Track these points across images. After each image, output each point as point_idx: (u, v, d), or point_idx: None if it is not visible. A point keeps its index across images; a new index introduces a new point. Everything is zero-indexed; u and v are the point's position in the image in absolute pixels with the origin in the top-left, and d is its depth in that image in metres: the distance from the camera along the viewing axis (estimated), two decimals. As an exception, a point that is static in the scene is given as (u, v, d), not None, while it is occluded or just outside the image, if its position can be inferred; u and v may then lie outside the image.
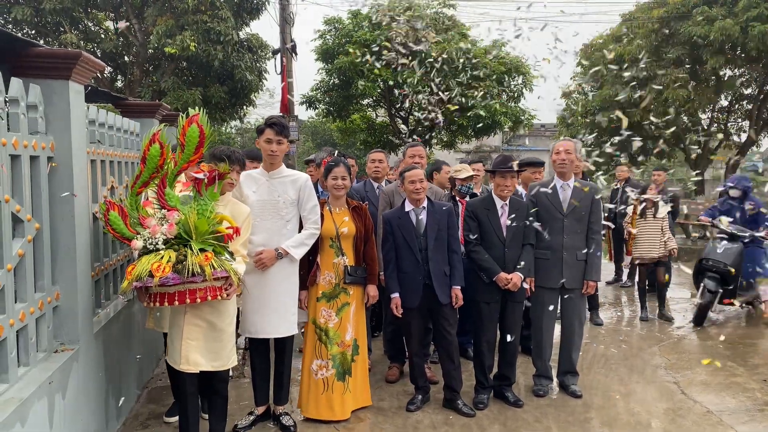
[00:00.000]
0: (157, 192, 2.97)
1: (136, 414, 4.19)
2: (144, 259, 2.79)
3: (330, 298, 3.99)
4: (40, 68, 2.93)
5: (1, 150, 2.45)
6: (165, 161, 2.94)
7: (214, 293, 2.93)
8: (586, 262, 4.45)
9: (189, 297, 2.86)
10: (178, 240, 2.87)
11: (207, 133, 3.00)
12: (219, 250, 2.94)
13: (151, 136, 2.93)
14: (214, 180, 3.05)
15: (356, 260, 4.04)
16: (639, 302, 7.08)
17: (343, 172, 3.97)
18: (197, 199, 3.01)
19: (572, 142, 4.58)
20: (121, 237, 2.92)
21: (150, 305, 2.95)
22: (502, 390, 4.40)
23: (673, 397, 4.54)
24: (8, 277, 2.51)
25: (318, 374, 3.99)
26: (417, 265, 4.06)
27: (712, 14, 13.09)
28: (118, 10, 12.54)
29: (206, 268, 2.77)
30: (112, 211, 2.91)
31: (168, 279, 2.72)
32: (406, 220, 4.13)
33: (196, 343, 3.16)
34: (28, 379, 2.63)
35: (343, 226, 3.98)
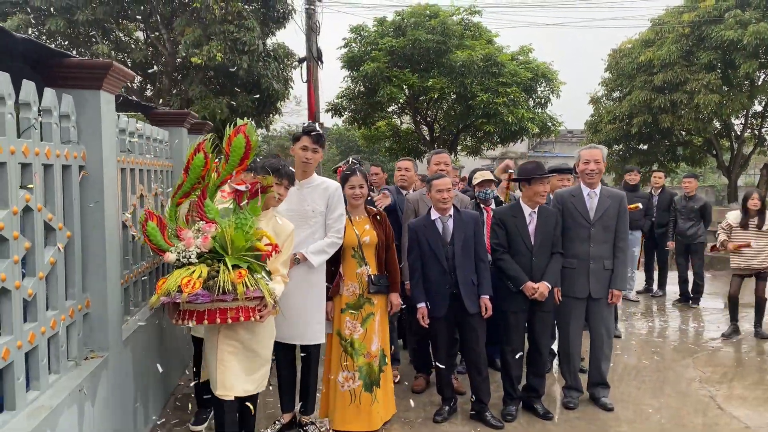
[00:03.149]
0: (197, 203, 2.87)
1: (163, 422, 4.21)
2: (175, 273, 2.67)
3: (355, 308, 3.94)
4: (73, 78, 2.96)
5: (34, 159, 2.48)
6: (208, 171, 2.86)
7: (246, 314, 2.75)
8: (612, 271, 4.37)
9: (219, 316, 2.70)
10: (213, 255, 2.74)
11: (253, 144, 2.89)
12: (255, 267, 2.76)
13: (196, 145, 2.84)
14: (257, 193, 2.92)
15: (379, 269, 3.98)
16: (730, 316, 6.58)
17: (360, 181, 3.91)
18: (237, 212, 2.87)
19: (599, 149, 4.49)
20: (158, 249, 2.81)
21: (178, 323, 2.78)
22: (531, 402, 4.32)
23: (708, 412, 4.40)
24: (40, 285, 2.54)
25: (345, 386, 3.92)
26: (444, 275, 3.99)
27: (745, 18, 12.84)
28: (149, 20, 12.76)
29: (238, 287, 2.61)
30: (151, 221, 2.80)
31: (197, 296, 2.59)
32: (431, 229, 4.05)
33: (231, 366, 3.03)
34: (58, 387, 2.65)
35: (364, 235, 3.93)
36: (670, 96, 13.80)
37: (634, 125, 14.48)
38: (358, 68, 13.18)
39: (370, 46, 13.09)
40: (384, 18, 13.49)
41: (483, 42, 13.22)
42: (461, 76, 12.32)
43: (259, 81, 12.14)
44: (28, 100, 2.47)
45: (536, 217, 4.18)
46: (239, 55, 10.97)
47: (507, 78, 12.47)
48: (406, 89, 13.31)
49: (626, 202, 4.46)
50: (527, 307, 4.15)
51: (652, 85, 14.00)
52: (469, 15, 13.58)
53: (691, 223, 8.04)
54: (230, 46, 10.87)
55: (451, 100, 13.32)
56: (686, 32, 13.80)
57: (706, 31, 13.42)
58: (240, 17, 11.04)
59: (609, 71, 15.99)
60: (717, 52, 13.21)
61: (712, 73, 13.35)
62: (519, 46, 13.61)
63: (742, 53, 12.71)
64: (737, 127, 16.03)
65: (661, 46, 14.09)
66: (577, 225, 4.32)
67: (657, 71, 13.95)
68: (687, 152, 16.23)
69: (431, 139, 15.20)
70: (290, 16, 12.70)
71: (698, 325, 7.10)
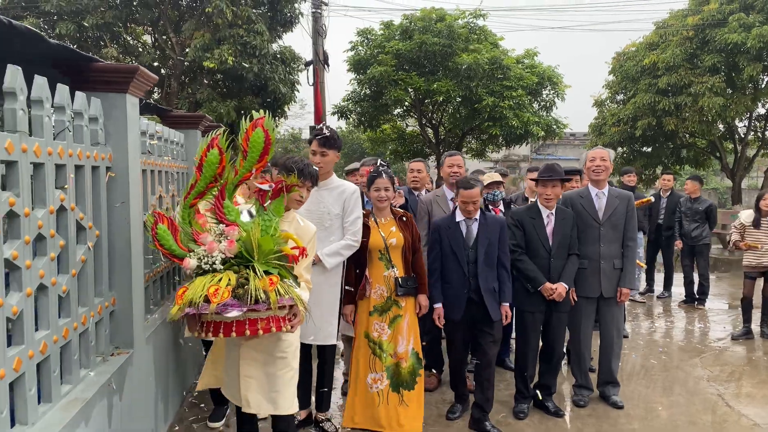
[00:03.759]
0: (215, 204, 2.61)
1: (181, 418, 4.29)
2: (198, 282, 2.39)
3: (382, 311, 3.93)
4: (100, 82, 3.05)
5: (68, 160, 2.56)
6: (224, 169, 2.59)
7: (277, 324, 2.52)
8: (621, 270, 4.44)
9: (249, 328, 2.44)
10: (239, 260, 2.50)
11: (273, 138, 2.63)
12: (284, 273, 2.54)
13: (209, 140, 2.58)
14: (280, 192, 2.70)
15: (406, 271, 3.95)
16: (742, 317, 6.61)
17: (386, 183, 3.89)
18: (260, 213, 2.64)
19: (606, 150, 4.56)
20: (170, 254, 2.55)
21: (202, 336, 2.52)
22: (543, 400, 4.38)
23: (717, 410, 4.46)
24: (73, 282, 2.62)
25: (373, 387, 3.92)
26: (463, 278, 3.95)
27: (749, 21, 12.89)
28: (157, 24, 12.88)
29: (271, 295, 2.38)
30: (161, 224, 2.55)
31: (226, 306, 2.33)
32: (455, 230, 4.00)
33: (256, 381, 2.81)
34: (88, 381, 2.73)
35: (391, 237, 3.90)
36: (674, 99, 13.84)
37: (638, 128, 14.52)
38: (364, 71, 13.28)
39: (377, 50, 13.19)
40: (391, 21, 13.60)
41: (488, 45, 13.30)
42: (467, 79, 12.41)
43: (266, 84, 12.25)
44: (62, 103, 2.56)
45: (554, 218, 4.21)
46: (249, 58, 11.08)
47: (513, 82, 12.56)
48: (412, 92, 13.41)
49: (634, 202, 4.54)
50: (544, 308, 4.20)
51: (657, 88, 14.03)
52: (474, 18, 13.68)
53: (696, 224, 8.12)
54: (240, 50, 10.97)
55: (457, 103, 13.41)
56: (690, 35, 13.85)
57: (710, 34, 13.47)
58: (249, 21, 11.14)
59: (613, 74, 16.04)
60: (721, 56, 13.25)
61: (716, 76, 13.38)
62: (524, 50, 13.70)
63: (746, 56, 12.75)
64: (741, 129, 16.08)
65: (666, 50, 14.13)
66: (586, 226, 4.39)
67: (661, 74, 13.99)
68: (691, 154, 16.28)
69: (437, 141, 15.29)
70: (297, 20, 12.80)
71: (704, 325, 7.16)
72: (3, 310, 2.01)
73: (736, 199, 16.02)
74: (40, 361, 2.31)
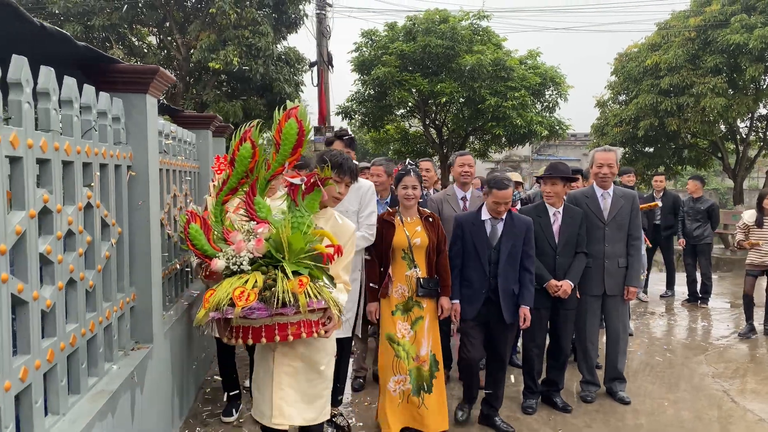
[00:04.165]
0: (245, 200, 2.45)
1: (195, 413, 4.36)
2: (225, 283, 2.27)
3: (405, 310, 3.86)
4: (121, 83, 3.12)
5: (93, 159, 2.64)
6: (257, 164, 2.44)
7: (309, 329, 2.37)
8: (626, 268, 4.50)
9: (278, 333, 2.30)
10: (268, 260, 2.35)
11: (307, 129, 2.44)
12: (316, 273, 2.36)
13: (241, 133, 2.43)
14: (314, 187, 2.52)
15: (429, 272, 3.86)
16: (744, 315, 6.66)
17: (413, 181, 3.82)
18: (292, 209, 2.46)
19: (613, 152, 4.59)
20: (203, 255, 2.41)
21: (231, 341, 2.38)
22: (551, 395, 4.45)
23: (723, 405, 4.53)
24: (99, 278, 2.69)
25: (396, 390, 3.85)
26: (483, 278, 3.88)
27: (751, 22, 12.95)
28: (162, 25, 12.96)
29: (300, 297, 2.22)
30: (194, 223, 2.41)
31: (252, 310, 2.20)
32: (479, 228, 3.92)
33: (291, 390, 2.62)
34: (113, 374, 2.80)
35: (415, 237, 3.82)
36: (676, 99, 13.91)
37: (641, 128, 14.58)
38: (368, 72, 13.36)
39: (381, 51, 13.27)
40: (395, 23, 13.69)
41: (491, 47, 13.38)
42: (471, 80, 12.50)
43: (271, 85, 12.33)
44: (89, 103, 2.63)
45: (561, 216, 4.27)
46: (254, 59, 11.16)
47: (516, 82, 12.65)
48: (416, 93, 13.49)
49: (638, 202, 4.60)
50: (550, 305, 4.26)
51: (659, 88, 14.09)
52: (478, 19, 13.75)
53: (697, 224, 8.18)
54: (245, 51, 11.05)
55: (460, 103, 13.49)
56: (692, 36, 13.92)
57: (712, 35, 13.53)
58: (254, 23, 11.23)
59: (615, 75, 16.11)
60: (723, 56, 13.31)
61: (719, 77, 13.46)
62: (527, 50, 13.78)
63: (748, 57, 12.83)
64: (743, 130, 16.15)
65: (668, 50, 14.19)
66: (591, 225, 4.44)
67: (663, 75, 14.05)
68: (692, 155, 16.36)
69: (440, 142, 15.37)
70: (302, 21, 12.89)
71: (707, 323, 7.23)
72: (39, 302, 2.08)
73: (738, 199, 16.08)
74: (70, 353, 2.38)
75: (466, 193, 4.72)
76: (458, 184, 4.78)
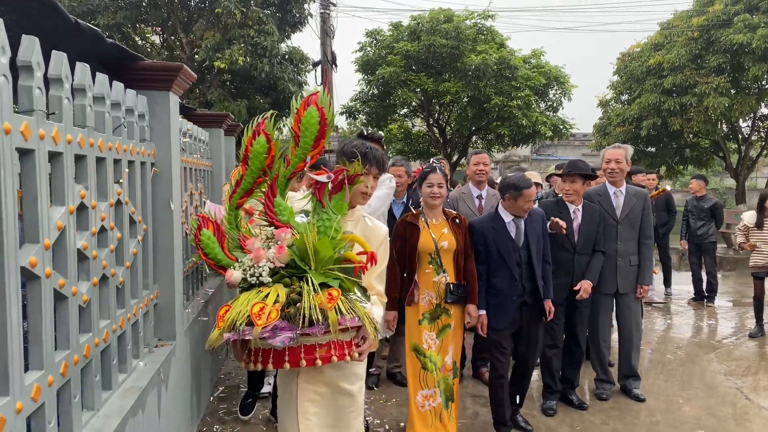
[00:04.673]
0: (264, 202, 2.14)
1: (212, 411, 4.36)
2: (242, 298, 1.94)
3: (432, 319, 3.64)
4: (146, 80, 3.12)
5: (123, 155, 2.64)
6: (273, 159, 2.14)
7: (340, 352, 2.00)
8: (638, 266, 4.52)
9: (305, 357, 1.94)
10: (292, 271, 2.01)
11: (329, 118, 2.13)
12: (348, 285, 2.02)
13: (254, 126, 2.14)
14: (342, 185, 2.16)
15: (457, 277, 3.62)
16: (755, 317, 6.62)
17: (440, 179, 3.57)
18: (318, 211, 2.13)
19: (623, 149, 4.60)
20: (216, 265, 2.10)
21: (250, 366, 2.03)
22: (567, 393, 4.46)
23: (737, 403, 4.55)
24: (127, 274, 2.70)
25: (425, 405, 3.61)
26: (513, 283, 3.69)
27: (754, 22, 13.00)
28: (166, 24, 12.95)
29: (330, 314, 1.87)
30: (206, 229, 2.09)
31: (274, 330, 1.86)
32: (502, 232, 3.72)
33: (317, 419, 2.28)
34: (140, 371, 2.81)
35: (442, 240, 3.58)
36: (679, 99, 13.96)
37: (644, 128, 14.62)
38: (373, 72, 13.37)
39: (386, 50, 13.29)
40: (399, 23, 13.70)
41: (495, 46, 13.41)
42: (475, 79, 12.53)
43: (276, 84, 12.32)
44: (118, 100, 2.63)
45: (581, 214, 4.25)
46: (259, 58, 11.16)
47: (520, 82, 12.68)
48: (420, 92, 13.51)
49: (650, 201, 4.61)
50: (564, 301, 4.25)
51: (662, 88, 14.14)
52: (483, 19, 13.78)
53: (701, 222, 8.21)
54: (250, 50, 11.05)
55: (464, 103, 13.51)
56: (695, 36, 13.96)
57: (715, 34, 13.57)
58: (259, 22, 11.22)
59: (618, 75, 16.15)
60: (726, 56, 13.35)
61: (722, 77, 13.50)
62: (531, 50, 13.80)
63: (751, 57, 12.87)
64: (744, 129, 16.20)
65: (671, 50, 14.22)
66: (604, 223, 4.42)
67: (666, 74, 14.10)
68: (694, 154, 16.41)
69: (443, 141, 15.39)
70: (306, 20, 12.88)
71: (715, 322, 7.26)
72: (77, 298, 2.09)
73: (741, 198, 16.14)
74: (104, 348, 2.38)
75: (481, 191, 4.74)
76: (473, 183, 4.80)
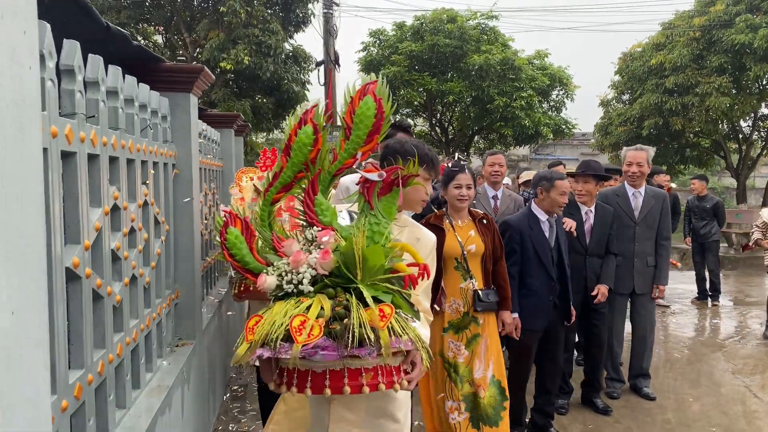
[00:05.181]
0: (304, 200, 1.86)
1: (226, 410, 4.39)
2: (277, 309, 1.65)
3: (458, 329, 3.38)
4: (167, 82, 3.15)
5: (149, 157, 2.67)
6: (319, 153, 1.86)
7: (389, 379, 1.69)
8: (655, 267, 4.54)
9: (349, 383, 1.64)
10: (336, 280, 1.71)
11: (387, 111, 1.84)
12: (398, 301, 1.71)
13: (299, 114, 1.86)
14: (392, 186, 1.85)
15: (486, 282, 3.40)
16: (767, 316, 6.53)
17: (468, 180, 3.33)
18: (366, 213, 1.84)
19: (644, 151, 4.60)
20: (243, 268, 1.83)
21: (282, 389, 1.70)
22: (591, 397, 4.40)
23: (746, 401, 4.59)
24: (153, 275, 2.73)
25: (451, 418, 3.36)
26: (549, 284, 3.62)
27: (755, 22, 13.07)
28: (169, 23, 12.97)
29: (382, 334, 1.58)
30: (233, 227, 1.82)
31: (317, 349, 1.57)
32: (538, 231, 3.64)
33: None
34: (165, 370, 2.84)
35: (469, 243, 3.34)
36: (681, 99, 14.03)
37: (645, 128, 14.69)
38: (376, 71, 13.39)
39: (389, 50, 13.34)
40: (403, 23, 13.74)
41: (499, 46, 13.46)
42: (479, 79, 12.58)
43: (279, 84, 12.35)
44: (144, 101, 2.66)
45: (593, 216, 4.24)
46: (264, 58, 11.19)
47: (524, 82, 12.74)
48: (423, 92, 13.56)
49: (669, 202, 4.64)
50: (579, 306, 4.17)
51: (663, 88, 14.21)
52: (487, 19, 13.83)
53: (704, 222, 8.24)
54: (255, 50, 11.07)
55: (467, 103, 13.57)
56: (697, 36, 14.04)
57: (716, 35, 13.65)
58: (264, 21, 11.25)
59: (619, 74, 16.21)
60: (727, 56, 13.42)
61: (723, 77, 13.58)
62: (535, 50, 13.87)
63: (752, 57, 12.95)
64: (745, 129, 16.29)
65: (672, 50, 14.29)
66: (622, 224, 4.44)
67: (668, 74, 14.17)
68: (694, 154, 16.50)
69: (446, 141, 15.43)
70: (309, 20, 12.91)
71: (719, 321, 7.32)
72: (111, 298, 2.12)
73: (741, 198, 16.21)
74: (132, 348, 2.41)
75: (497, 191, 4.77)
76: (489, 183, 4.82)
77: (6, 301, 0.94)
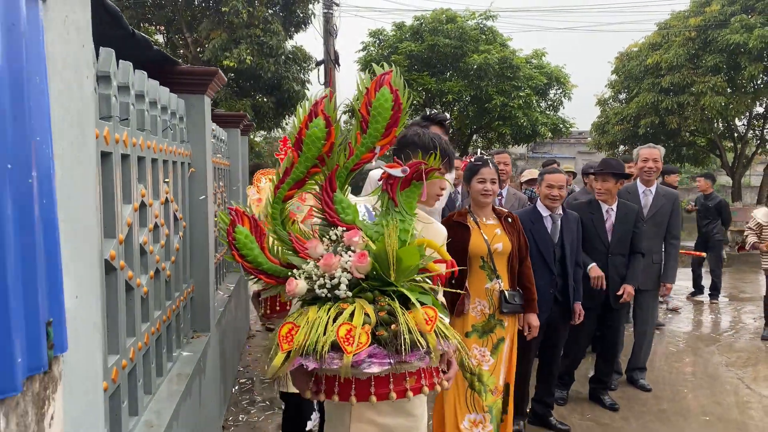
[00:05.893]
0: (322, 198, 1.78)
1: (235, 401, 4.53)
2: (313, 315, 1.58)
3: (483, 332, 3.20)
4: (184, 84, 3.28)
5: (168, 156, 2.80)
6: (333, 147, 1.76)
7: (430, 381, 1.66)
8: (661, 265, 4.65)
9: (394, 388, 1.59)
10: (372, 283, 1.65)
11: (404, 103, 1.77)
12: (435, 302, 1.69)
13: (309, 107, 1.75)
14: (412, 181, 1.78)
15: (511, 283, 3.26)
16: (765, 318, 6.43)
17: (493, 175, 3.18)
18: (390, 211, 1.76)
19: (657, 149, 4.69)
20: (255, 269, 1.73)
21: (320, 397, 1.66)
22: (599, 393, 4.47)
23: (739, 392, 4.75)
24: (173, 269, 2.86)
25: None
26: (550, 279, 3.64)
27: (750, 22, 13.23)
28: (171, 23, 13.07)
29: (430, 338, 1.54)
30: (241, 225, 1.73)
31: (370, 359, 1.50)
32: (540, 226, 3.67)
33: None
34: (183, 360, 2.97)
35: (495, 242, 3.18)
36: (676, 98, 14.20)
37: (641, 126, 14.86)
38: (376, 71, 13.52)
39: (389, 50, 13.47)
40: (402, 23, 13.87)
41: (497, 46, 13.60)
42: (477, 78, 12.73)
43: (280, 83, 12.48)
44: (165, 103, 2.79)
45: (614, 214, 4.21)
46: (265, 58, 11.31)
47: (522, 82, 12.88)
48: (423, 92, 13.70)
49: (680, 201, 4.75)
50: (600, 307, 4.20)
51: (659, 87, 14.38)
52: (485, 19, 13.97)
53: (707, 220, 8.33)
54: (257, 50, 11.20)
55: (466, 102, 13.71)
56: (692, 36, 14.20)
57: (712, 35, 13.82)
58: (265, 21, 11.37)
59: (616, 74, 16.38)
60: (723, 56, 13.59)
61: (718, 76, 13.75)
62: (532, 50, 14.02)
63: (747, 57, 13.12)
64: (740, 128, 16.47)
65: (668, 50, 14.45)
66: None
67: (664, 74, 14.34)
68: (690, 153, 16.67)
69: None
70: (309, 20, 13.03)
71: (714, 316, 7.49)
72: (140, 289, 2.25)
73: (736, 196, 16.39)
74: (156, 338, 2.55)
75: (501, 190, 4.87)
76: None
77: (71, 285, 1.08)
